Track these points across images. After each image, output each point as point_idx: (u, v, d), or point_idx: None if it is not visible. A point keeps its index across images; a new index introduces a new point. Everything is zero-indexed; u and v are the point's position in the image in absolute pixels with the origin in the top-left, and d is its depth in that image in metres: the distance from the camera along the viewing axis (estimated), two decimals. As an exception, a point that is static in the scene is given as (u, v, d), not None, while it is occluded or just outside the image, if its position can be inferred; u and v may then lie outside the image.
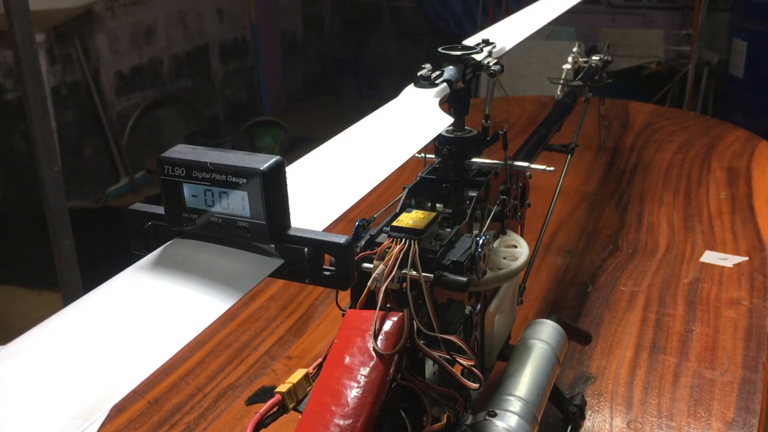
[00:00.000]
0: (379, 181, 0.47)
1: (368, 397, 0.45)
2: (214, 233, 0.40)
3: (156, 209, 0.42)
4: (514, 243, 0.69)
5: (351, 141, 0.52)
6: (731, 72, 3.16)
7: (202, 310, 0.36)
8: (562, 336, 0.70)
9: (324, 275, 0.40)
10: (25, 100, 1.59)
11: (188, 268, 0.38)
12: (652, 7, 3.79)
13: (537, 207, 0.88)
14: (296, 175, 0.45)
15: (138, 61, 3.41)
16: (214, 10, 3.86)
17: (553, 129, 0.99)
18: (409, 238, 0.52)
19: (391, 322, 0.49)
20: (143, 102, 3.46)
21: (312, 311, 1.00)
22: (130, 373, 0.32)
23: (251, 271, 0.39)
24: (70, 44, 3.05)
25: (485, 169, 0.69)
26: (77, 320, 0.36)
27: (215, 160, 0.38)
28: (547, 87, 1.35)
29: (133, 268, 0.39)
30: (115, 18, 3.25)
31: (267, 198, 0.38)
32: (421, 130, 0.55)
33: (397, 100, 0.59)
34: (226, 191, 0.39)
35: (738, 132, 1.63)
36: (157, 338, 0.34)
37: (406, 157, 0.50)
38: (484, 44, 0.68)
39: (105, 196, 3.23)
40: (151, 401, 0.82)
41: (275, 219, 0.39)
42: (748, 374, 0.82)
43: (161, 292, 0.37)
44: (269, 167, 0.38)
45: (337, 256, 0.39)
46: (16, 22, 1.51)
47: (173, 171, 0.39)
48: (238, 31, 4.06)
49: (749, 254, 1.09)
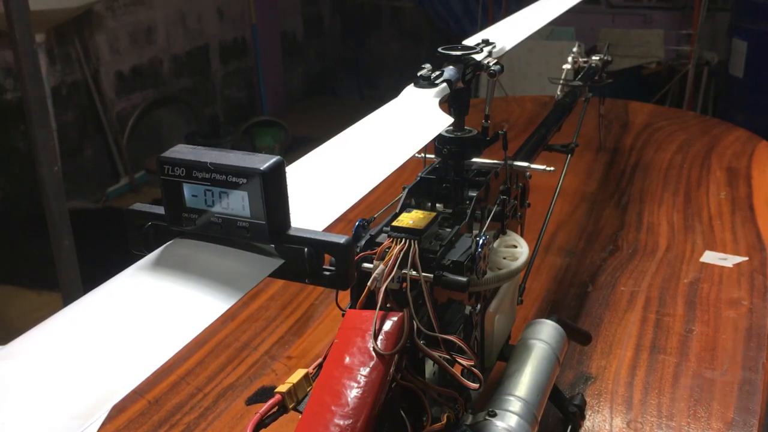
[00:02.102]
0: (379, 181, 0.47)
1: (368, 397, 0.45)
2: (214, 233, 0.40)
3: (156, 209, 0.42)
4: (514, 243, 0.69)
5: (351, 141, 0.52)
6: (731, 72, 3.16)
7: (202, 310, 0.36)
8: (562, 336, 0.70)
9: (324, 275, 0.40)
10: (25, 100, 1.59)
11: (188, 268, 0.38)
12: (652, 7, 3.79)
13: (537, 207, 0.88)
14: (296, 175, 0.45)
15: (138, 61, 3.41)
16: (214, 10, 3.86)
17: (553, 129, 0.99)
18: (409, 238, 0.52)
19: (391, 322, 0.49)
20: (143, 102, 3.46)
21: (312, 311, 1.00)
22: (130, 373, 0.32)
23: (251, 271, 0.39)
24: (70, 44, 3.05)
25: (485, 169, 0.69)
26: (77, 320, 0.36)
27: (215, 160, 0.38)
28: (547, 87, 1.35)
29: (133, 268, 0.39)
30: (115, 18, 3.25)
31: (267, 198, 0.38)
32: (421, 130, 0.55)
33: (397, 100, 0.59)
34: (226, 191, 0.39)
35: (738, 132, 1.63)
36: (157, 338, 0.34)
37: (406, 157, 0.50)
38: (484, 44, 0.68)
39: (105, 196, 3.23)
40: (151, 401, 0.82)
41: (275, 219, 0.39)
42: (748, 374, 0.82)
43: (161, 292, 0.37)
44: (269, 167, 0.38)
45: (337, 256, 0.39)
46: (16, 22, 1.50)
47: (173, 171, 0.39)
48: (238, 31, 4.06)
49: (749, 254, 1.09)
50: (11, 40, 1.53)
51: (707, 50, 3.44)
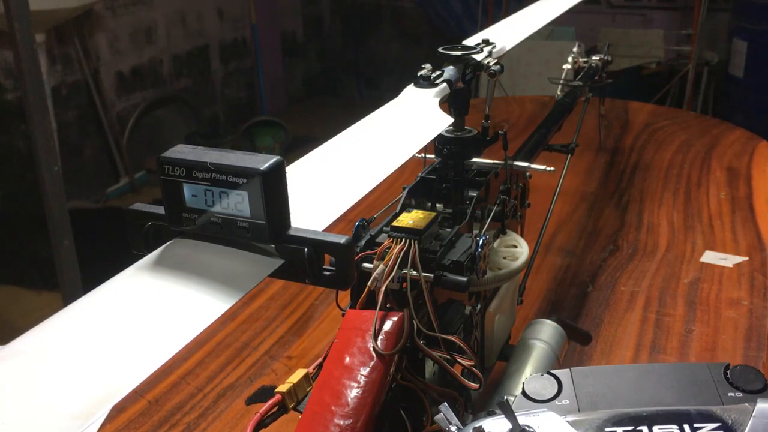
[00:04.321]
0: (379, 181, 0.47)
1: (368, 397, 0.45)
2: (214, 233, 0.40)
3: (156, 209, 0.42)
4: (514, 243, 0.69)
5: (351, 141, 0.52)
6: (731, 72, 3.16)
7: (202, 310, 0.36)
8: (562, 336, 0.70)
9: (324, 275, 0.40)
10: (25, 100, 1.59)
11: (188, 268, 0.38)
12: (652, 7, 3.79)
13: (537, 207, 0.88)
14: (296, 175, 0.45)
15: (138, 61, 3.41)
16: (214, 10, 3.86)
17: (553, 129, 0.99)
18: (409, 238, 0.52)
19: (391, 322, 0.49)
20: (143, 102, 3.46)
21: (312, 311, 1.00)
22: (130, 373, 0.32)
23: (251, 271, 0.39)
24: (70, 44, 3.05)
25: (485, 169, 0.69)
26: (77, 320, 0.36)
27: (215, 160, 0.38)
28: (547, 87, 1.35)
29: (133, 268, 0.39)
30: (115, 18, 3.25)
31: (267, 198, 0.38)
32: (421, 130, 0.55)
33: (397, 100, 0.59)
34: (226, 191, 0.39)
35: (738, 132, 1.63)
36: (157, 338, 0.34)
37: (406, 158, 0.50)
38: (484, 44, 0.68)
39: (105, 196, 3.23)
40: (151, 401, 0.82)
41: (275, 219, 0.39)
42: (748, 374, 0.82)
43: (161, 292, 0.37)
44: (269, 167, 0.38)
45: (337, 256, 0.39)
46: (16, 22, 1.51)
47: (173, 171, 0.39)
48: (238, 31, 4.06)
49: (749, 254, 1.09)
50: (11, 40, 1.53)
51: (707, 50, 3.44)
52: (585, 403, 0.42)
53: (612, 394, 0.43)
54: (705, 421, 0.39)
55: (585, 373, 0.44)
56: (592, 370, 0.44)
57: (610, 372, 0.44)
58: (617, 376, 0.44)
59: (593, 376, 0.44)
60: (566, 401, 0.42)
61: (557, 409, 0.42)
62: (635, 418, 0.40)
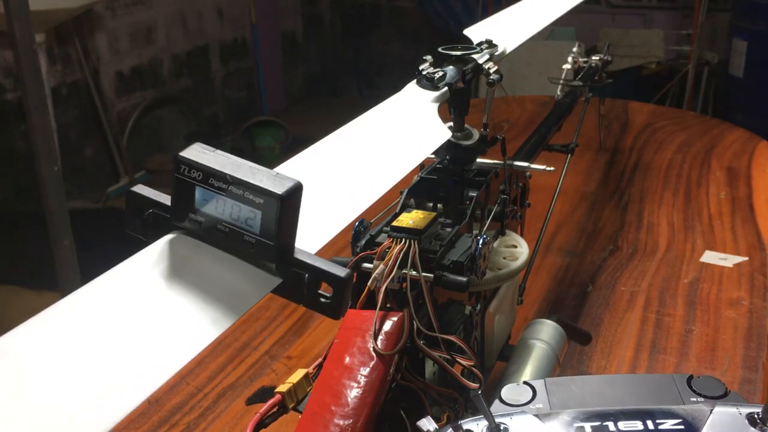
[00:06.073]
0: (373, 201, 0.46)
1: (368, 397, 0.45)
2: (217, 239, 0.39)
3: (159, 196, 0.41)
4: (514, 243, 0.69)
5: (345, 148, 0.51)
6: (731, 72, 3.16)
7: (197, 334, 0.35)
8: (562, 336, 0.70)
9: (319, 302, 0.39)
10: (25, 100, 1.59)
11: (189, 276, 0.38)
12: (652, 7, 3.79)
13: (537, 207, 0.88)
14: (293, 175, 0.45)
15: (138, 61, 3.41)
16: (214, 10, 3.86)
17: (553, 129, 0.99)
18: (409, 238, 0.52)
19: (391, 322, 0.49)
20: (143, 102, 3.45)
21: (312, 311, 1.00)
22: (115, 407, 0.32)
23: (251, 289, 0.38)
24: (70, 44, 3.05)
25: (485, 169, 0.69)
26: (65, 326, 0.34)
27: (234, 172, 0.37)
28: (547, 87, 1.35)
29: (131, 266, 0.38)
30: (115, 18, 3.25)
31: (281, 222, 0.37)
32: (419, 144, 0.54)
33: (397, 101, 0.59)
34: (239, 205, 0.38)
35: (738, 132, 1.63)
36: (145, 367, 0.33)
37: (402, 175, 0.49)
38: (486, 45, 0.67)
39: (105, 196, 3.23)
40: (151, 401, 0.82)
41: (284, 242, 0.38)
42: (748, 374, 0.82)
43: (159, 303, 0.36)
44: (288, 192, 0.37)
45: (335, 288, 0.39)
46: (16, 22, 1.51)
47: (189, 173, 0.38)
48: (238, 31, 4.06)
49: (749, 254, 1.09)
50: (11, 40, 1.53)
51: (707, 50, 3.44)
52: (557, 406, 0.45)
53: (582, 398, 0.46)
54: (667, 417, 0.42)
55: (558, 382, 0.47)
56: (565, 380, 0.48)
57: (581, 381, 0.48)
58: (588, 384, 0.47)
59: (565, 385, 0.47)
60: (540, 405, 0.45)
61: (531, 411, 0.44)
62: (602, 415, 0.43)
